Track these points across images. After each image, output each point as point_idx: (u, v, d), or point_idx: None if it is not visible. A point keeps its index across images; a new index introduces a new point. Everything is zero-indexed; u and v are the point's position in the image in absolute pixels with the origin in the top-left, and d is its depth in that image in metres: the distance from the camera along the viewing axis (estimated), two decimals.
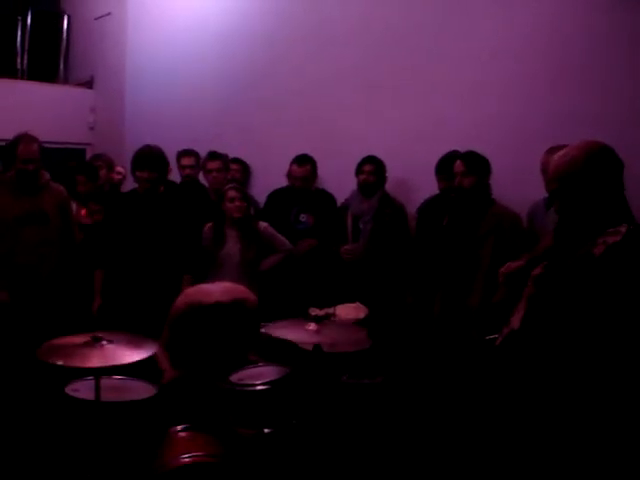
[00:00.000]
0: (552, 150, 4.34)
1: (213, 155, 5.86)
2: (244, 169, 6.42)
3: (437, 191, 5.12)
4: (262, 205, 5.91)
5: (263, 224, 5.21)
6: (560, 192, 2.68)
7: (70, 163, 6.26)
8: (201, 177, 6.10)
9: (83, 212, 5.49)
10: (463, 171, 4.47)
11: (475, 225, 4.49)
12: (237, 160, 6.30)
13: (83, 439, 3.37)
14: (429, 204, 5.16)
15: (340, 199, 5.61)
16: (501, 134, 5.09)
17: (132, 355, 3.30)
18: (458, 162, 4.53)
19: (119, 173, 6.62)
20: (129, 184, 6.24)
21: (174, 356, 3.92)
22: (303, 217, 5.56)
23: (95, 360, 3.19)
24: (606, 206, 2.61)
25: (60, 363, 3.16)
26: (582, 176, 2.61)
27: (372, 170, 5.27)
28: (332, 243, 5.40)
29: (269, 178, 5.86)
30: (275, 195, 5.79)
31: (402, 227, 5.26)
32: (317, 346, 3.76)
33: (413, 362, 4.55)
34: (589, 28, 4.75)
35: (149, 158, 5.04)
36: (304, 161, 5.61)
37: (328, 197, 5.73)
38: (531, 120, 4.96)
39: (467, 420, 4.07)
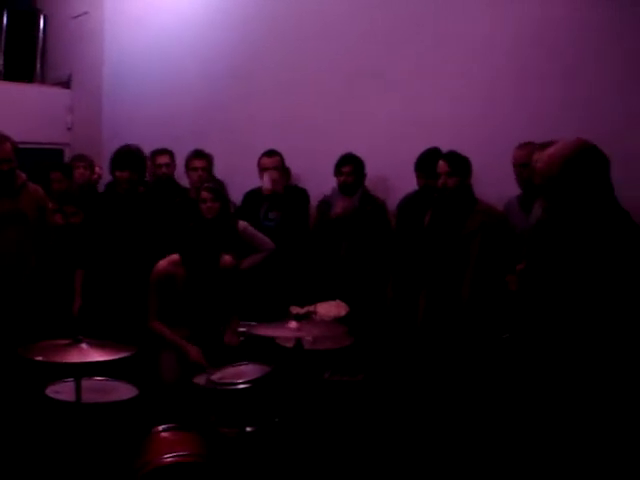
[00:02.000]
0: (523, 146, 4.39)
1: (199, 154, 5.86)
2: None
3: (416, 187, 5.14)
4: (236, 203, 5.89)
5: (243, 224, 5.19)
6: (545, 189, 2.77)
7: (44, 163, 6.19)
8: (179, 176, 6.08)
9: (57, 216, 5.43)
10: (447, 171, 4.48)
11: (460, 224, 4.50)
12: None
13: (65, 441, 3.36)
14: (409, 201, 5.17)
15: (319, 196, 5.61)
16: (480, 132, 5.10)
17: (111, 354, 3.30)
18: (442, 162, 4.53)
19: (96, 174, 6.59)
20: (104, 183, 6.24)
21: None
22: (272, 214, 5.55)
23: (74, 356, 3.19)
24: (590, 202, 2.67)
25: (39, 359, 3.16)
26: (565, 174, 2.67)
27: (350, 171, 5.28)
28: (299, 241, 5.41)
29: (248, 177, 5.84)
30: (250, 195, 5.78)
31: (383, 224, 5.27)
32: (298, 341, 3.77)
33: (394, 359, 4.57)
34: (576, 27, 4.76)
35: (130, 158, 5.03)
36: (272, 153, 5.64)
37: (300, 193, 5.72)
38: (512, 119, 4.96)
39: (452, 417, 4.10)
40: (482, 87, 5.17)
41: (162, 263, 4.34)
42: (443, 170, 4.49)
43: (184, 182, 6.07)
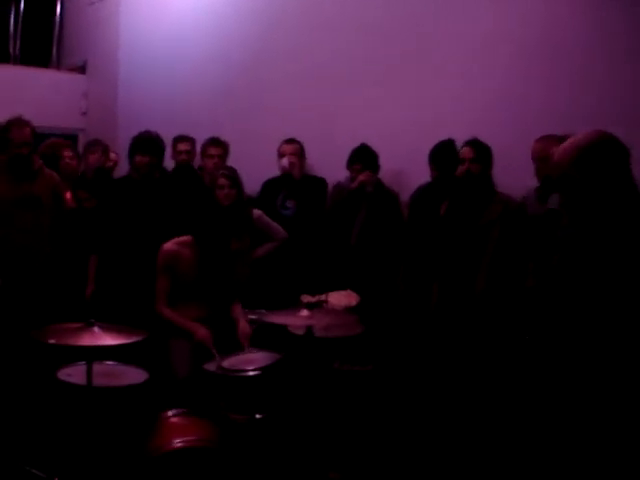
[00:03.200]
0: (542, 139, 4.36)
1: (215, 141, 5.87)
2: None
3: (430, 179, 5.12)
4: (250, 192, 5.88)
5: (257, 212, 5.19)
6: (561, 181, 2.68)
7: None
8: (196, 163, 6.09)
9: (68, 195, 5.45)
10: (472, 157, 4.46)
11: (479, 213, 4.48)
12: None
13: (75, 424, 3.38)
14: (422, 192, 5.16)
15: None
16: (496, 123, 5.08)
17: (123, 338, 3.31)
18: (467, 148, 4.52)
19: (112, 160, 6.60)
20: (120, 170, 6.24)
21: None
22: (289, 203, 5.56)
23: (86, 340, 3.21)
24: (610, 194, 2.59)
25: (52, 341, 3.17)
26: (582, 166, 2.60)
27: (361, 168, 5.26)
28: (315, 229, 5.41)
29: (261, 166, 5.84)
30: (268, 184, 5.79)
31: (395, 215, 5.27)
32: (309, 329, 3.77)
33: (405, 350, 4.57)
34: (582, 25, 4.74)
35: (151, 144, 5.05)
36: (292, 141, 5.69)
37: (318, 182, 5.72)
38: (527, 111, 4.94)
39: (459, 410, 4.10)
40: (493, 80, 5.14)
41: (167, 245, 4.28)
42: (468, 156, 4.48)
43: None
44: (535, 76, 4.91)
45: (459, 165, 4.52)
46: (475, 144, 4.52)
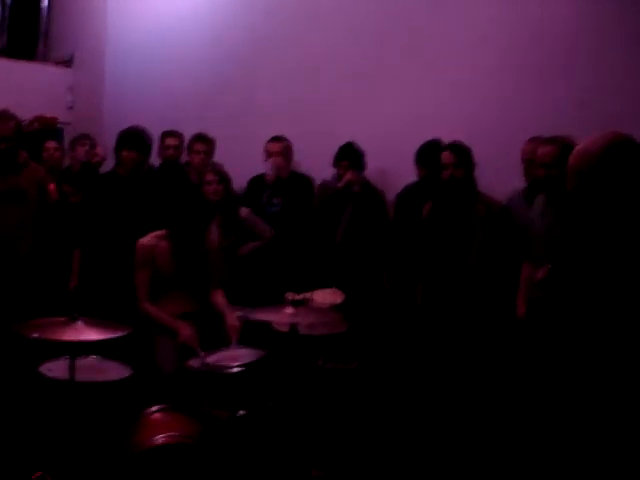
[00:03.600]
0: (534, 139, 4.38)
1: (202, 137, 5.85)
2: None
3: (416, 179, 5.13)
4: (237, 189, 5.87)
5: (245, 210, 5.18)
6: (580, 188, 2.57)
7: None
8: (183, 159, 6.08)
9: (52, 187, 5.42)
10: (454, 162, 4.47)
11: (463, 215, 4.50)
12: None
13: (57, 419, 3.36)
14: (408, 192, 5.17)
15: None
16: (481, 125, 5.10)
17: (106, 333, 3.30)
18: (447, 153, 4.52)
19: (99, 155, 6.57)
20: (106, 165, 6.21)
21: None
22: (276, 200, 5.55)
23: (70, 334, 3.19)
24: (629, 198, 2.51)
25: (35, 336, 3.16)
26: (600, 171, 2.51)
27: (347, 165, 5.26)
28: (301, 227, 5.40)
29: (247, 163, 5.83)
30: (254, 181, 5.78)
31: (381, 214, 5.27)
32: (294, 326, 3.77)
33: (389, 349, 4.58)
34: (574, 21, 4.77)
35: (138, 139, 5.02)
36: (278, 139, 5.65)
37: (304, 180, 5.72)
38: (513, 112, 4.97)
39: (445, 408, 4.12)
40: (484, 79, 5.17)
41: (143, 239, 4.28)
42: (449, 161, 4.48)
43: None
44: (524, 78, 4.94)
45: (442, 170, 4.52)
46: (454, 148, 4.52)
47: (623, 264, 2.48)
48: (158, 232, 4.32)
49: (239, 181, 5.84)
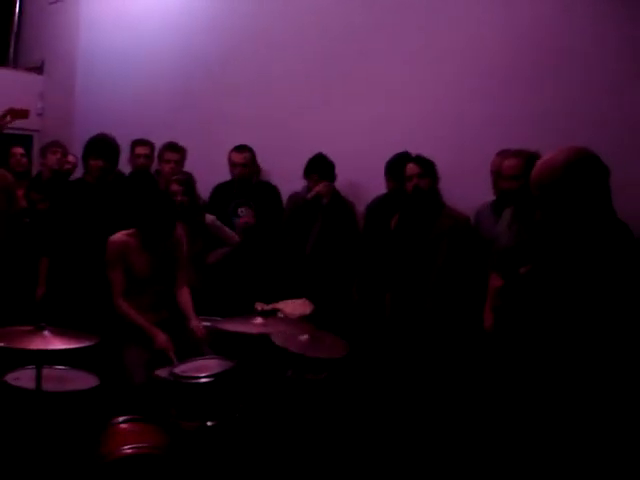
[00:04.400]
0: (503, 152, 4.43)
1: (173, 146, 5.84)
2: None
3: (386, 191, 5.17)
4: (206, 198, 5.87)
5: (210, 217, 5.18)
6: (542, 200, 2.62)
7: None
8: (154, 168, 6.06)
9: (19, 193, 5.38)
10: (419, 173, 4.50)
11: (428, 227, 4.53)
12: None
13: (23, 429, 3.33)
14: (378, 204, 5.20)
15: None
16: (452, 138, 5.15)
17: (73, 342, 3.28)
18: (412, 165, 4.55)
19: (70, 162, 6.53)
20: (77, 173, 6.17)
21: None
22: (242, 211, 5.56)
23: (36, 343, 3.17)
24: (589, 212, 2.56)
25: (1, 344, 3.13)
26: (561, 184, 2.56)
27: (317, 178, 5.28)
28: (272, 236, 5.41)
29: (218, 172, 5.83)
30: (218, 189, 5.78)
31: (351, 225, 5.29)
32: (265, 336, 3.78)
33: (359, 359, 4.59)
34: (539, 27, 4.84)
35: (105, 147, 4.99)
36: (242, 148, 5.63)
37: (270, 189, 5.73)
38: (481, 123, 5.03)
39: (415, 416, 4.14)
40: (456, 93, 5.22)
41: (113, 237, 4.28)
42: (414, 172, 4.51)
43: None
44: (500, 91, 5.00)
45: (406, 182, 4.56)
46: (419, 160, 4.56)
47: (584, 275, 2.54)
48: (126, 230, 4.33)
49: (207, 190, 5.85)
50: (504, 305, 2.86)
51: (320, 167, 5.31)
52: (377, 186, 5.22)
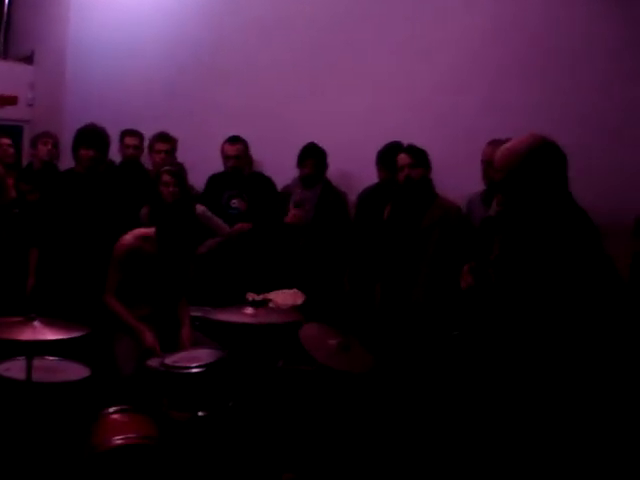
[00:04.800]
0: (494, 142, 4.41)
1: (164, 137, 5.81)
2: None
3: (377, 180, 5.17)
4: (198, 190, 5.86)
5: (200, 207, 5.16)
6: (503, 183, 2.77)
7: None
8: (144, 158, 6.04)
9: (9, 182, 5.34)
10: (410, 163, 4.49)
11: (419, 217, 4.53)
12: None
13: (13, 420, 3.32)
14: (369, 194, 5.20)
15: (282, 185, 5.62)
16: (445, 128, 5.16)
17: (63, 333, 3.27)
18: (403, 155, 4.54)
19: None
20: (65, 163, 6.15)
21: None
22: (234, 202, 5.54)
23: (26, 334, 3.16)
24: (548, 197, 2.69)
25: None
26: (523, 169, 2.70)
27: (314, 163, 5.29)
28: (266, 227, 5.41)
29: (210, 162, 5.81)
30: (212, 180, 5.76)
31: (343, 216, 5.30)
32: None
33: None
34: (529, 19, 4.86)
35: (96, 137, 4.97)
36: (235, 140, 5.60)
37: (264, 180, 5.72)
38: (479, 117, 5.03)
39: (405, 408, 4.14)
40: (448, 83, 5.22)
41: (127, 238, 4.24)
42: (405, 162, 4.51)
43: (147, 163, 6.03)
44: (495, 81, 5.02)
45: (398, 172, 4.55)
46: (411, 150, 4.56)
47: (543, 258, 2.65)
48: (142, 231, 4.30)
49: (199, 180, 5.83)
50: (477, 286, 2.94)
51: (315, 153, 5.31)
52: (369, 176, 5.22)
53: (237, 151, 5.56)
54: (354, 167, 5.59)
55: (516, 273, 2.74)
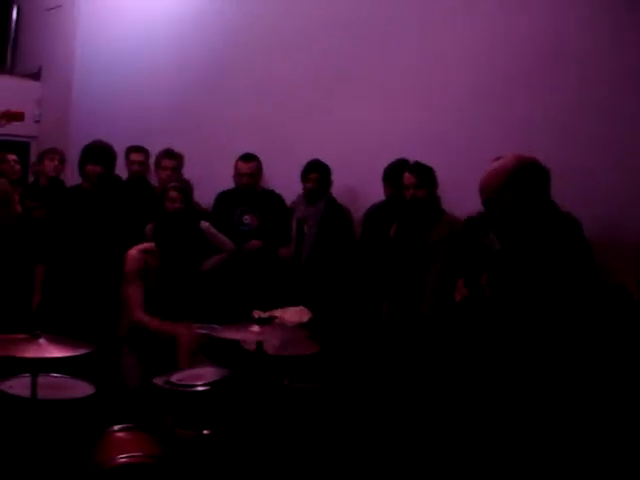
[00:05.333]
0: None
1: (170, 153, 5.83)
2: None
3: (384, 198, 5.16)
4: (205, 206, 5.86)
5: (205, 224, 5.16)
6: (490, 202, 2.86)
7: None
8: (150, 174, 6.05)
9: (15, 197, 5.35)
10: (415, 183, 4.50)
11: (426, 235, 4.52)
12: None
13: (18, 437, 3.30)
14: (376, 210, 5.20)
15: (288, 201, 5.62)
16: (451, 144, 5.15)
17: (69, 351, 3.26)
18: (408, 175, 4.55)
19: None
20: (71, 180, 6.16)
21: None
22: (247, 219, 5.55)
23: (31, 351, 3.14)
24: (535, 212, 2.78)
25: None
26: (507, 192, 2.79)
27: (317, 178, 5.30)
28: (276, 245, 5.40)
29: (217, 178, 5.82)
30: (222, 196, 5.76)
31: (347, 232, 5.29)
32: (259, 345, 3.76)
33: (356, 367, 4.57)
34: (539, 30, 4.86)
35: (102, 153, 4.99)
36: (250, 158, 5.60)
37: (275, 198, 5.72)
38: (480, 131, 5.03)
39: (410, 426, 4.12)
40: (454, 98, 5.22)
41: (133, 252, 4.24)
42: (410, 182, 4.51)
43: (152, 179, 6.04)
44: (496, 96, 5.01)
45: (404, 191, 4.55)
46: (415, 169, 4.56)
47: (536, 271, 2.73)
48: (145, 246, 4.31)
49: (206, 195, 5.83)
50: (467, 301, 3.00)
51: (318, 168, 5.32)
52: (375, 192, 5.21)
53: (251, 169, 5.57)
54: (359, 183, 5.59)
55: (512, 282, 2.80)
